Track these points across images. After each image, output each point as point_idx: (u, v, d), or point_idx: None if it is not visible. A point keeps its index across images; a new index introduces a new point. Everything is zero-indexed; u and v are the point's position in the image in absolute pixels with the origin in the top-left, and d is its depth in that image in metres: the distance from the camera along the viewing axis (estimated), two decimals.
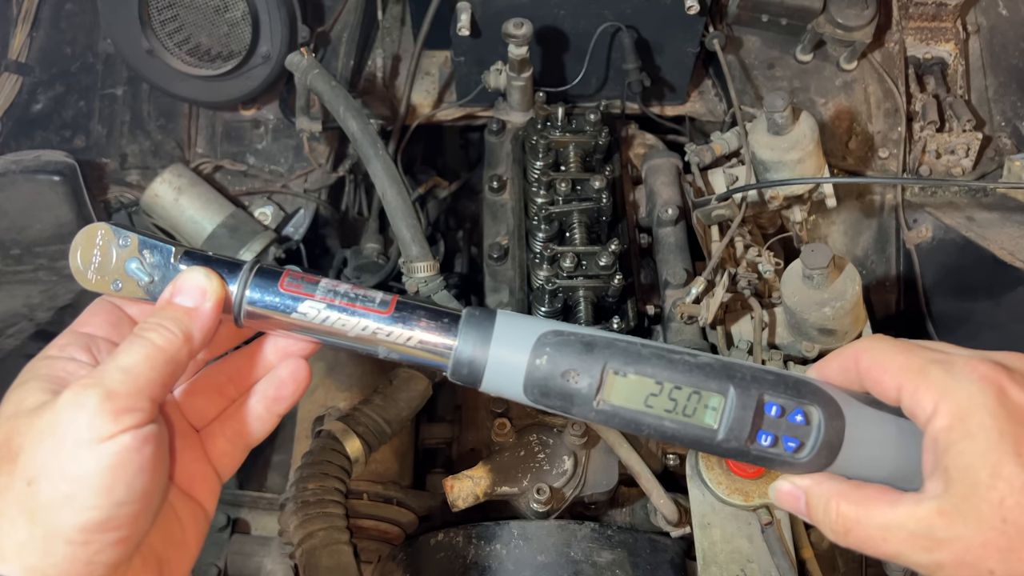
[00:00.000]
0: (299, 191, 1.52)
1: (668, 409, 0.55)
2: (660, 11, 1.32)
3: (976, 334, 1.27)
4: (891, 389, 0.54)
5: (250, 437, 0.62)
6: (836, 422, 0.55)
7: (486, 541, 1.02)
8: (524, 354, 0.56)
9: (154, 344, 0.52)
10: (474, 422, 1.19)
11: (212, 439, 0.61)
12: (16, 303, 1.28)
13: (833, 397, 0.56)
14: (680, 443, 0.56)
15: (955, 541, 0.50)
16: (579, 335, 0.56)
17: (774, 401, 0.55)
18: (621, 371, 0.55)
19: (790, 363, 1.15)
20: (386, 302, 0.57)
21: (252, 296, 0.56)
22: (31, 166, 1.39)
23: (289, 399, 0.61)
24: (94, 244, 0.56)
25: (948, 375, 0.52)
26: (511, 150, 1.37)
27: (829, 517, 0.56)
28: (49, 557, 0.47)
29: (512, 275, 1.23)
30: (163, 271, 0.56)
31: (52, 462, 0.47)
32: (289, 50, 1.36)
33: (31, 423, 0.48)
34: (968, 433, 0.50)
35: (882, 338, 0.58)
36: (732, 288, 1.16)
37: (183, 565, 0.56)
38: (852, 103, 1.49)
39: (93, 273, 0.56)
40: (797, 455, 0.56)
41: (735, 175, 1.28)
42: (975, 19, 1.57)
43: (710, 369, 0.56)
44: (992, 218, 1.38)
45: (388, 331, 0.56)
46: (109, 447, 0.48)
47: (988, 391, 0.50)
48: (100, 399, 0.48)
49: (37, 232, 1.40)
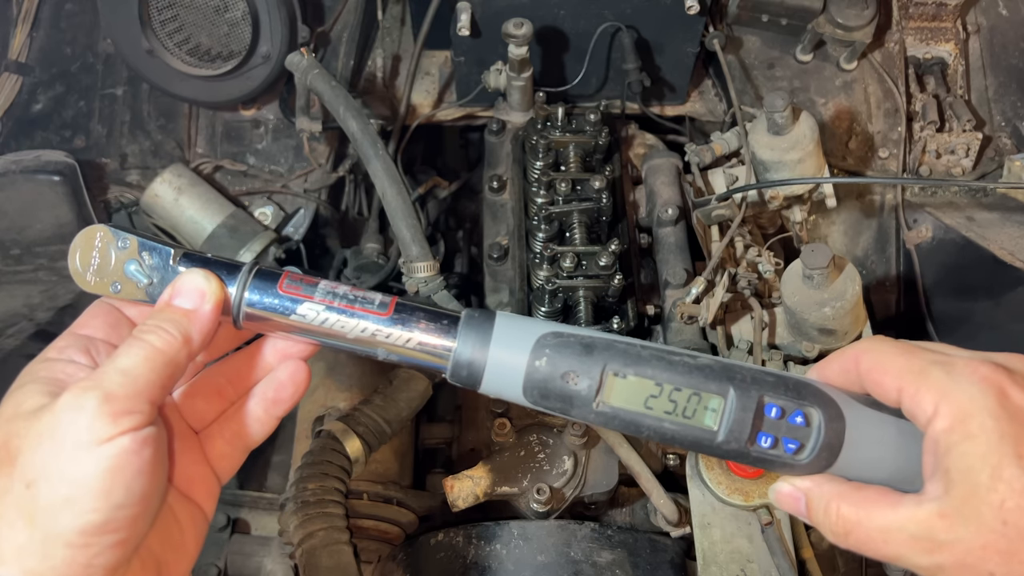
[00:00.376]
0: (299, 191, 1.52)
1: (668, 411, 0.55)
2: (660, 11, 1.32)
3: (976, 334, 1.27)
4: (892, 391, 0.54)
5: (249, 439, 0.62)
6: (836, 424, 0.55)
7: (486, 541, 1.02)
8: (523, 356, 0.55)
9: (153, 346, 0.52)
10: (474, 422, 1.19)
11: (211, 441, 0.61)
12: (16, 303, 1.28)
13: (833, 398, 0.56)
14: (680, 445, 0.56)
15: (956, 543, 0.50)
16: (578, 336, 0.56)
17: (774, 403, 0.55)
18: (621, 372, 0.55)
19: (790, 363, 1.15)
20: (385, 304, 0.56)
21: (251, 298, 0.56)
22: (31, 166, 1.39)
23: (288, 401, 0.61)
24: (93, 246, 0.56)
25: (949, 377, 0.52)
26: (511, 150, 1.37)
27: (829, 519, 0.56)
28: (48, 560, 0.46)
29: (512, 275, 1.23)
30: (162, 273, 0.56)
31: (51, 464, 0.47)
32: (289, 50, 1.36)
33: (30, 425, 0.48)
34: (969, 435, 0.49)
35: (882, 339, 0.57)
36: (732, 288, 1.16)
37: (182, 567, 0.56)
38: (852, 103, 1.49)
39: (92, 275, 0.56)
40: (797, 457, 0.55)
41: (735, 175, 1.28)
42: (975, 19, 1.57)
43: (710, 371, 0.55)
44: (992, 218, 1.38)
45: (387, 333, 0.56)
46: (108, 449, 0.48)
47: (989, 393, 0.50)
48: (99, 401, 0.48)
49: (37, 232, 1.40)
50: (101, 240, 0.56)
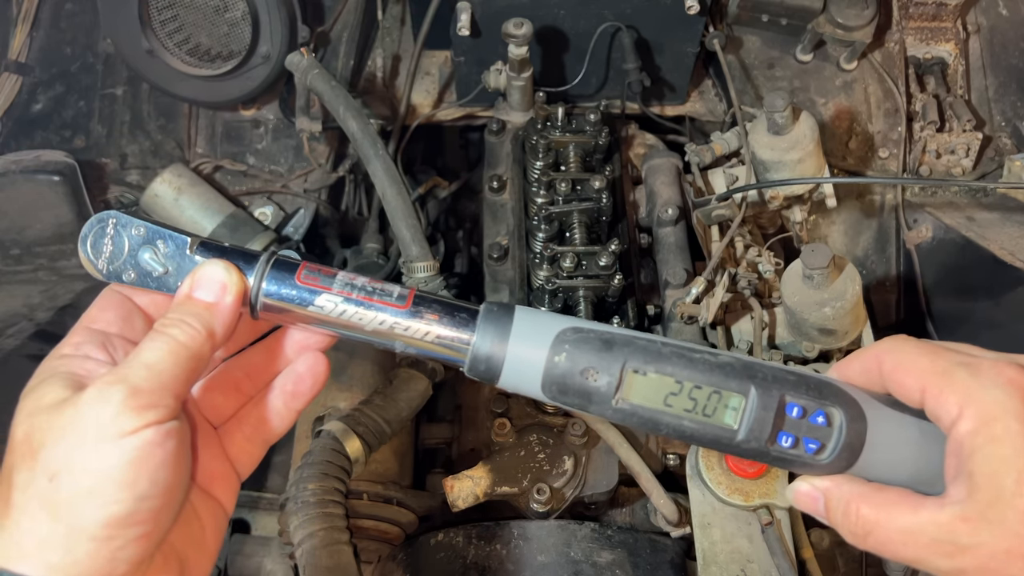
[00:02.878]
0: (299, 191, 1.52)
1: (688, 408, 0.54)
2: (660, 11, 1.32)
3: (976, 334, 1.27)
4: (915, 391, 0.53)
5: (269, 433, 0.61)
6: (858, 424, 0.54)
7: (486, 541, 1.02)
8: (543, 351, 0.55)
9: (177, 340, 0.51)
10: (474, 422, 1.19)
11: (230, 436, 0.61)
12: (16, 303, 1.28)
13: (855, 398, 0.55)
14: (699, 443, 0.56)
15: (978, 548, 0.49)
16: (598, 332, 0.55)
17: (795, 402, 0.54)
18: (641, 369, 0.54)
19: (790, 363, 1.15)
20: (404, 296, 0.56)
21: (269, 288, 0.55)
22: (31, 166, 1.39)
23: (308, 394, 0.61)
24: (105, 233, 0.55)
25: (974, 378, 0.51)
26: (511, 150, 1.37)
27: (849, 520, 0.55)
28: (71, 554, 0.46)
29: (512, 275, 1.23)
30: (177, 261, 0.55)
31: (74, 457, 0.47)
32: (289, 50, 1.36)
33: (51, 419, 0.48)
34: (994, 438, 0.49)
35: (906, 339, 0.57)
36: (732, 288, 1.16)
37: (203, 564, 0.56)
38: (852, 103, 1.49)
39: (104, 263, 0.55)
40: (818, 457, 0.55)
41: (735, 175, 1.28)
42: (975, 19, 1.57)
43: (731, 369, 0.55)
44: (992, 218, 1.38)
45: (406, 326, 0.55)
46: (132, 441, 0.47)
47: (1015, 395, 0.49)
48: (124, 395, 0.48)
49: (37, 232, 1.40)
50: (113, 227, 0.55)
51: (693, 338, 1.16)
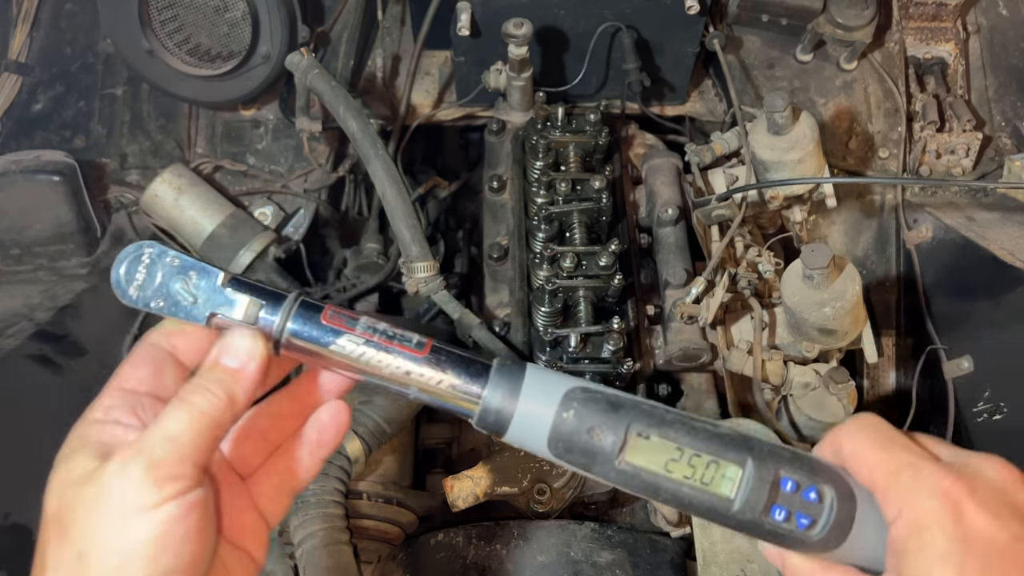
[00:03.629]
0: (299, 191, 1.52)
1: (687, 475, 0.56)
2: (660, 11, 1.32)
3: (976, 334, 1.27)
4: (867, 482, 0.57)
5: (297, 483, 0.63)
6: (847, 504, 0.56)
7: (486, 541, 1.02)
8: (551, 407, 0.57)
9: (198, 409, 0.52)
10: None
11: (259, 487, 0.61)
12: (16, 303, 1.28)
13: (844, 479, 0.57)
14: (695, 511, 0.57)
15: None
16: (606, 394, 0.57)
17: (789, 476, 0.56)
18: (644, 432, 0.56)
19: (790, 363, 1.15)
20: (422, 343, 0.58)
21: (293, 327, 0.57)
22: (31, 166, 1.39)
23: (331, 443, 0.62)
24: (140, 261, 0.56)
25: (914, 484, 0.54)
26: (511, 150, 1.37)
27: None
28: None
29: (512, 275, 1.23)
30: (208, 294, 0.56)
31: (101, 534, 0.48)
32: (289, 50, 1.36)
33: (78, 493, 0.49)
34: (920, 547, 0.52)
35: (867, 424, 0.59)
36: (732, 288, 1.16)
37: None
38: (852, 103, 1.49)
39: (136, 290, 0.56)
40: (809, 532, 0.56)
41: (735, 175, 1.28)
42: (975, 19, 1.57)
43: (730, 440, 0.57)
44: (992, 218, 1.38)
45: (421, 372, 0.57)
46: (155, 516, 0.48)
47: (946, 509, 0.52)
48: (144, 469, 0.49)
49: (37, 232, 1.40)
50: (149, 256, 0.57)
51: (693, 338, 1.16)
